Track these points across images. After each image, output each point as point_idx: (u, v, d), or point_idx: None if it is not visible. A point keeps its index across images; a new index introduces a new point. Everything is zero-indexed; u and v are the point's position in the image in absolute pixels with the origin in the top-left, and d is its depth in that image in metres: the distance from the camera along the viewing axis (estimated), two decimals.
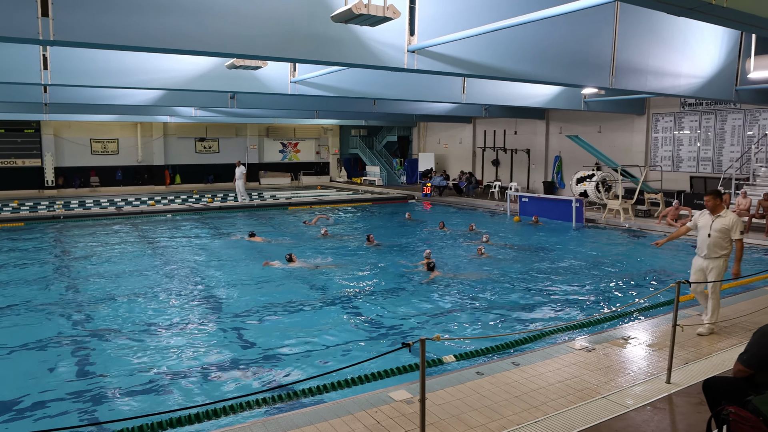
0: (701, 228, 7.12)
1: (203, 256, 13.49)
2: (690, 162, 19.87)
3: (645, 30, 10.71)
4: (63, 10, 6.01)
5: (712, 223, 6.98)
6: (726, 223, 6.91)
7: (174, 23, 6.65)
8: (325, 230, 15.97)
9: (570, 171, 22.76)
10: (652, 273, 11.59)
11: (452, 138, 30.73)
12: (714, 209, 7.02)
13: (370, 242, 14.41)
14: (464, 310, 9.07)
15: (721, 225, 6.92)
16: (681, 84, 11.79)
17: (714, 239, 6.94)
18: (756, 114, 17.88)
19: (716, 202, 7.02)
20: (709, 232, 6.98)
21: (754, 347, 3.99)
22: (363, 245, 14.40)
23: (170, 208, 21.99)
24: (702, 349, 6.59)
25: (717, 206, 7.01)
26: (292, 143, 34.56)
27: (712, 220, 7.01)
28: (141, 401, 5.90)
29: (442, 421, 4.83)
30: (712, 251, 7.00)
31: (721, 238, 6.93)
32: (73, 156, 28.60)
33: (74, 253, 13.91)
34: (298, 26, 7.31)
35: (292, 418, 4.94)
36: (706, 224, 7.05)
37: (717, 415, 3.80)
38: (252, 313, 8.92)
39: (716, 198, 7.05)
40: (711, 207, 7.03)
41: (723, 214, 6.97)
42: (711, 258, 7.03)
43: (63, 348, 7.48)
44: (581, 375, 5.81)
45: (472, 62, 8.82)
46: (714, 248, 6.98)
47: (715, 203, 7.02)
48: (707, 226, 7.03)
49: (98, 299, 9.76)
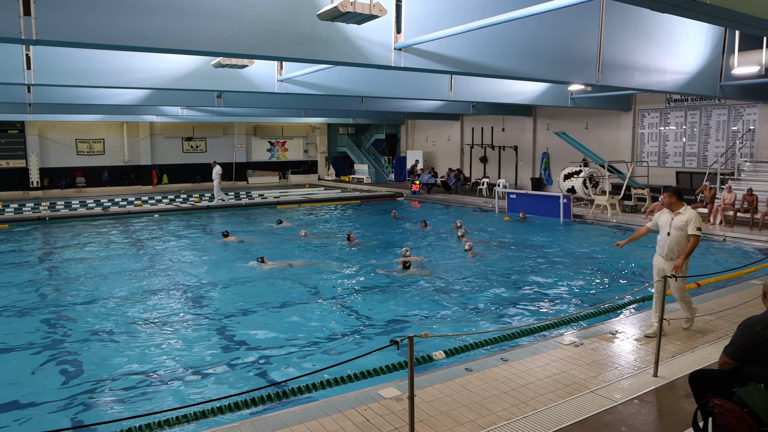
0: (661, 226, 6.88)
1: (190, 256, 13.42)
2: (676, 157, 20.04)
3: (630, 27, 10.78)
4: (45, 9, 5.96)
5: (672, 221, 6.73)
6: (685, 219, 6.65)
7: (159, 22, 6.61)
8: (305, 231, 15.76)
9: (557, 167, 22.88)
10: (639, 268, 11.68)
11: (440, 135, 30.78)
12: (672, 206, 6.78)
13: (350, 241, 14.31)
14: (452, 307, 9.08)
15: (681, 222, 6.65)
16: (666, 80, 11.89)
17: (674, 238, 6.68)
18: (740, 109, 18.05)
19: (672, 199, 6.77)
20: (669, 231, 6.74)
21: (738, 340, 4.03)
22: (343, 245, 14.31)
23: (157, 209, 21.84)
24: (688, 342, 6.65)
25: (674, 203, 6.76)
26: (279, 142, 34.46)
27: (671, 218, 6.76)
28: (127, 403, 5.86)
29: (432, 418, 4.84)
30: (671, 251, 6.76)
31: (681, 237, 6.66)
32: (58, 156, 28.32)
33: (60, 254, 13.79)
34: (284, 25, 7.30)
35: (281, 417, 4.93)
36: (666, 222, 6.81)
37: (703, 408, 3.84)
38: (238, 313, 8.88)
39: (673, 195, 6.79)
40: (668, 204, 6.80)
41: (682, 211, 6.70)
42: (671, 259, 6.78)
43: (47, 350, 7.41)
44: (569, 370, 5.84)
45: (459, 59, 8.84)
46: (674, 247, 6.72)
47: (671, 200, 6.78)
48: (667, 224, 6.78)
49: (83, 301, 9.68)
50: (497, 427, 4.69)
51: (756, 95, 16.15)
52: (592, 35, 10.31)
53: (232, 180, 32.58)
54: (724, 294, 8.72)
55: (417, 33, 8.04)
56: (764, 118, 17.32)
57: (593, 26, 10.27)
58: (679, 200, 6.75)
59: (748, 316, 4.10)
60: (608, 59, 10.54)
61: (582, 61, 10.30)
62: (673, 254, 6.74)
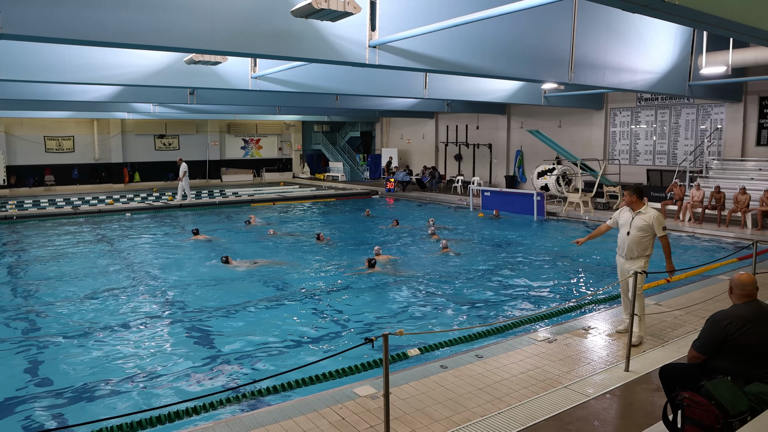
0: (622, 226, 6.65)
1: (161, 255, 13.24)
2: (647, 155, 20.38)
3: (602, 27, 10.93)
4: (11, 2, 5.81)
5: (632, 221, 6.51)
6: (646, 219, 6.42)
7: (130, 17, 6.49)
8: (273, 230, 15.62)
9: (531, 165, 23.11)
10: (612, 264, 11.84)
11: (415, 133, 30.85)
12: (632, 205, 6.57)
13: (320, 240, 14.20)
14: (426, 305, 9.11)
15: (642, 222, 6.42)
16: (637, 79, 12.08)
17: (633, 237, 6.47)
18: (708, 108, 18.44)
19: (633, 198, 6.57)
20: (629, 230, 6.52)
21: (706, 334, 4.12)
22: (313, 243, 14.20)
23: (129, 207, 21.51)
24: (659, 337, 6.77)
25: (635, 203, 6.56)
26: (254, 139, 34.19)
27: (632, 217, 6.54)
28: (100, 405, 5.76)
29: (407, 415, 4.85)
30: (630, 250, 6.53)
31: (642, 237, 6.44)
32: (26, 154, 27.67)
33: (28, 254, 13.48)
34: (257, 21, 7.23)
35: (256, 416, 4.89)
36: (627, 221, 6.58)
37: (672, 401, 3.91)
38: (210, 312, 8.78)
39: (634, 194, 6.58)
40: (629, 203, 6.60)
41: (643, 211, 6.50)
42: (631, 259, 6.55)
43: (13, 351, 7.25)
44: (543, 366, 5.91)
45: (434, 57, 8.87)
46: (633, 247, 6.50)
47: (631, 199, 6.57)
48: (627, 223, 6.56)
49: (53, 301, 9.49)
50: (472, 424, 4.72)
51: (723, 95, 16.53)
52: (565, 34, 10.43)
53: (206, 178, 32.24)
54: (693, 289, 8.90)
55: (392, 31, 8.04)
56: (731, 117, 17.71)
57: (566, 26, 10.39)
58: (640, 199, 6.60)
59: (716, 311, 4.19)
60: (581, 58, 10.68)
61: (555, 60, 10.41)
62: (633, 254, 6.52)
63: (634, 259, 6.52)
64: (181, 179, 22.81)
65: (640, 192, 6.68)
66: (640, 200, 6.59)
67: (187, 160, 31.46)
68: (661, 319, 7.36)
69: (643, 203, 6.60)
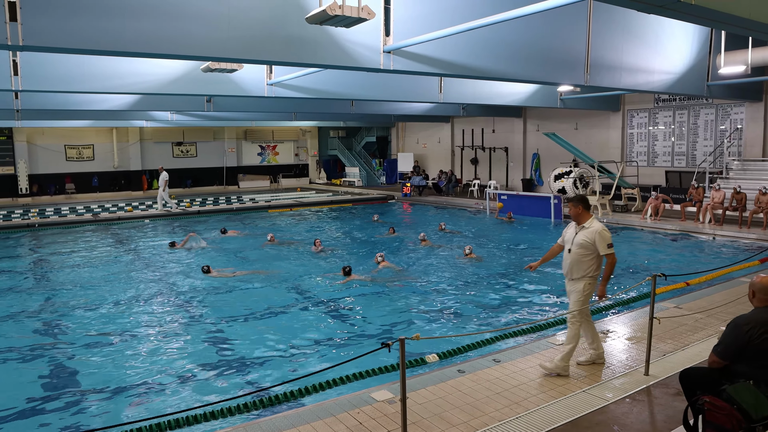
0: (565, 242, 5.86)
1: (180, 261, 13.36)
2: (665, 157, 20.16)
3: (618, 28, 10.86)
4: (32, 14, 5.93)
5: (575, 237, 5.70)
6: (588, 236, 5.59)
7: (147, 26, 6.59)
8: (272, 236, 15.22)
9: (548, 168, 22.96)
10: (629, 267, 11.73)
11: (431, 137, 30.83)
12: (579, 218, 5.74)
13: (316, 247, 13.93)
14: (443, 310, 9.09)
15: (582, 239, 5.61)
16: (654, 80, 11.97)
17: (574, 256, 5.66)
18: (727, 108, 18.20)
19: (579, 209, 5.72)
20: (570, 247, 5.72)
21: (727, 339, 4.05)
22: (310, 250, 13.96)
23: (148, 214, 21.75)
24: (679, 341, 6.69)
25: (581, 214, 5.72)
26: (270, 146, 34.40)
27: (575, 232, 5.74)
28: (117, 410, 5.82)
29: (425, 420, 4.84)
30: (570, 271, 5.73)
31: (583, 255, 5.61)
32: (47, 163, 28.14)
33: (50, 261, 13.69)
34: (272, 28, 7.29)
35: (274, 421, 4.91)
36: (570, 238, 5.78)
37: (693, 405, 3.87)
38: (227, 318, 8.81)
39: (579, 204, 5.73)
40: (574, 216, 5.77)
41: (587, 225, 5.66)
42: (572, 280, 5.76)
43: (36, 358, 7.35)
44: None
45: (448, 62, 8.86)
46: (573, 267, 5.69)
47: (577, 211, 5.73)
48: (570, 240, 5.76)
49: (73, 307, 9.61)
50: (490, 428, 4.70)
51: (743, 94, 16.31)
52: (580, 36, 10.37)
53: (223, 185, 32.50)
54: (714, 292, 8.78)
55: (406, 36, 8.06)
56: (751, 116, 17.47)
57: (581, 27, 10.33)
58: (586, 210, 5.74)
59: (737, 315, 4.13)
60: (596, 60, 10.61)
61: (570, 62, 10.36)
62: (572, 274, 5.72)
63: (575, 281, 5.73)
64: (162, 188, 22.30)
65: (586, 202, 5.80)
66: (586, 212, 5.74)
67: (205, 167, 32.01)
68: (681, 323, 7.27)
69: (589, 216, 5.74)
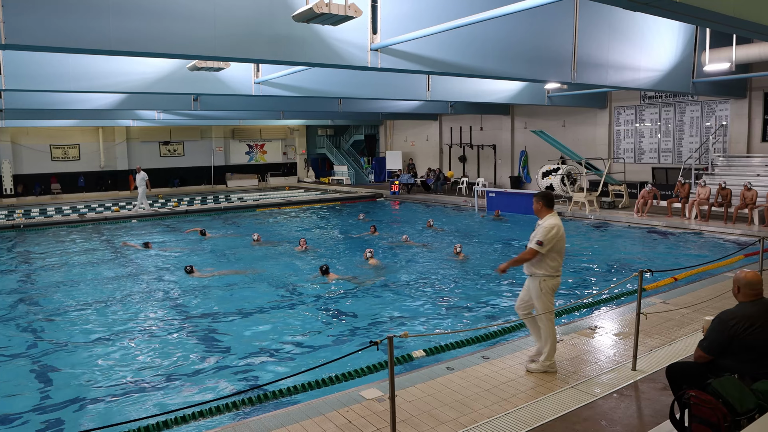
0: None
1: (167, 261, 13.28)
2: (651, 153, 20.32)
3: (604, 25, 10.91)
4: (14, 12, 5.85)
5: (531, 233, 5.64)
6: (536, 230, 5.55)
7: (132, 25, 6.53)
8: (258, 236, 15.09)
9: (536, 165, 23.07)
10: (617, 263, 11.82)
11: (419, 135, 30.85)
12: (538, 213, 5.68)
13: (300, 247, 13.85)
14: (432, 307, 9.11)
15: (533, 233, 5.55)
16: (640, 77, 12.04)
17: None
18: (713, 105, 18.37)
19: (539, 205, 5.65)
20: (527, 243, 5.64)
21: (712, 334, 4.10)
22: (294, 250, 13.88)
23: (135, 214, 21.60)
24: (666, 336, 6.75)
25: (541, 210, 5.64)
26: (258, 144, 34.26)
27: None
28: (106, 410, 5.79)
29: (414, 418, 4.85)
30: (527, 267, 5.64)
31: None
32: (32, 163, 27.84)
33: (35, 262, 13.55)
34: (259, 26, 7.26)
35: (263, 421, 4.90)
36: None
37: (679, 399, 3.90)
38: (215, 317, 8.80)
39: (540, 200, 5.65)
40: (535, 211, 5.71)
41: (542, 222, 5.59)
42: (530, 275, 5.64)
43: (23, 358, 7.29)
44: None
45: (436, 59, 8.87)
46: (528, 264, 5.60)
47: (538, 206, 5.66)
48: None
49: (59, 309, 9.53)
50: (479, 425, 4.71)
51: (727, 91, 16.47)
52: (567, 34, 10.41)
53: (211, 184, 32.34)
54: (700, 287, 8.86)
55: (393, 33, 8.05)
56: (736, 113, 17.65)
57: (568, 25, 10.37)
58: (546, 207, 5.64)
59: (722, 310, 4.17)
60: (583, 57, 10.66)
61: (557, 60, 10.39)
62: (529, 270, 5.62)
63: (530, 278, 5.65)
64: (140, 188, 22.06)
65: (547, 198, 5.68)
66: (546, 208, 5.63)
67: (192, 166, 31.80)
68: (667, 318, 7.33)
69: (549, 211, 5.63)
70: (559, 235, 5.49)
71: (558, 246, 5.51)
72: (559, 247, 5.53)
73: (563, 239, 5.56)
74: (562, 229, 5.55)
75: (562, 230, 5.53)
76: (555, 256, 5.53)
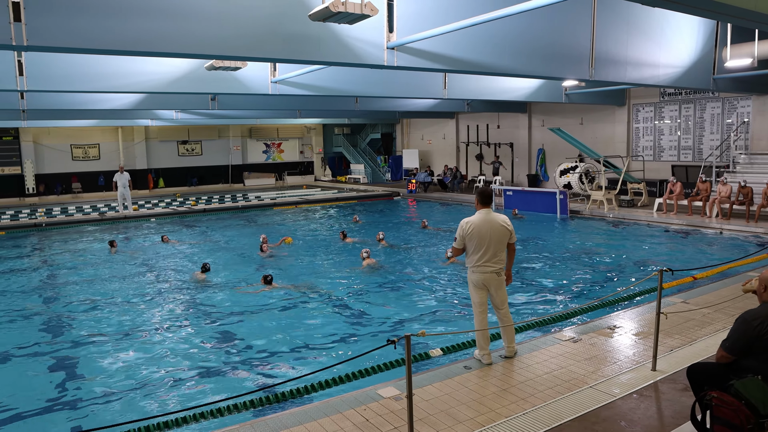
0: None
1: (186, 260, 13.39)
2: (671, 151, 20.06)
3: (622, 21, 10.80)
4: (35, 14, 5.94)
5: None
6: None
7: (150, 26, 6.59)
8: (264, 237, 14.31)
9: (553, 163, 22.89)
10: (636, 262, 11.69)
11: (435, 134, 30.78)
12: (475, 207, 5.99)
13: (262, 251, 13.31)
14: (449, 306, 9.08)
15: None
16: (660, 74, 11.91)
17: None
18: (734, 102, 18.08)
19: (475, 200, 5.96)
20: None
21: (735, 334, 4.03)
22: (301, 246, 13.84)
23: (154, 213, 21.82)
24: (686, 336, 6.66)
25: (475, 205, 5.99)
26: (275, 143, 34.42)
27: None
28: (125, 407, 5.84)
29: (431, 417, 4.84)
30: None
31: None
32: (53, 162, 28.27)
33: (57, 260, 13.75)
34: (276, 26, 7.29)
35: (281, 418, 4.92)
36: None
37: (701, 401, 3.85)
38: (231, 316, 8.82)
39: (476, 196, 5.93)
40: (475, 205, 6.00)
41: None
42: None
43: (45, 356, 7.40)
44: (568, 366, 5.84)
45: (452, 57, 8.84)
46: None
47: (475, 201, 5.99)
48: None
49: (80, 306, 9.65)
50: (497, 425, 4.69)
51: (749, 87, 16.20)
52: (585, 31, 10.32)
53: (229, 183, 32.57)
54: (722, 286, 8.72)
55: (409, 32, 8.04)
56: (758, 110, 17.35)
57: (585, 21, 10.28)
58: (480, 202, 5.89)
59: (745, 310, 4.10)
60: (601, 54, 10.56)
61: (575, 57, 10.31)
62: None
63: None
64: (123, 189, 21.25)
65: (483, 195, 5.88)
66: (479, 204, 5.89)
67: (210, 165, 32.05)
68: (688, 317, 7.23)
69: (482, 207, 5.88)
70: (474, 232, 5.72)
71: (475, 242, 5.74)
72: (476, 243, 5.74)
73: (480, 236, 5.72)
74: (480, 227, 5.72)
75: (477, 227, 5.72)
76: (472, 252, 5.79)
